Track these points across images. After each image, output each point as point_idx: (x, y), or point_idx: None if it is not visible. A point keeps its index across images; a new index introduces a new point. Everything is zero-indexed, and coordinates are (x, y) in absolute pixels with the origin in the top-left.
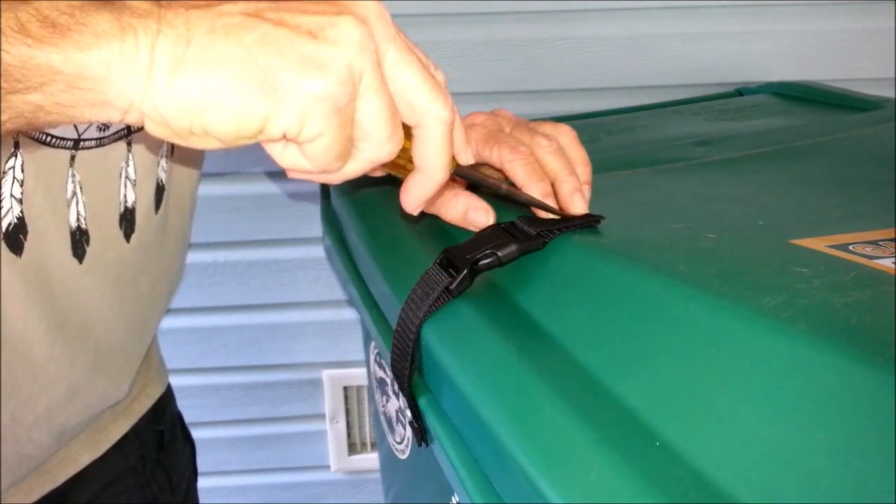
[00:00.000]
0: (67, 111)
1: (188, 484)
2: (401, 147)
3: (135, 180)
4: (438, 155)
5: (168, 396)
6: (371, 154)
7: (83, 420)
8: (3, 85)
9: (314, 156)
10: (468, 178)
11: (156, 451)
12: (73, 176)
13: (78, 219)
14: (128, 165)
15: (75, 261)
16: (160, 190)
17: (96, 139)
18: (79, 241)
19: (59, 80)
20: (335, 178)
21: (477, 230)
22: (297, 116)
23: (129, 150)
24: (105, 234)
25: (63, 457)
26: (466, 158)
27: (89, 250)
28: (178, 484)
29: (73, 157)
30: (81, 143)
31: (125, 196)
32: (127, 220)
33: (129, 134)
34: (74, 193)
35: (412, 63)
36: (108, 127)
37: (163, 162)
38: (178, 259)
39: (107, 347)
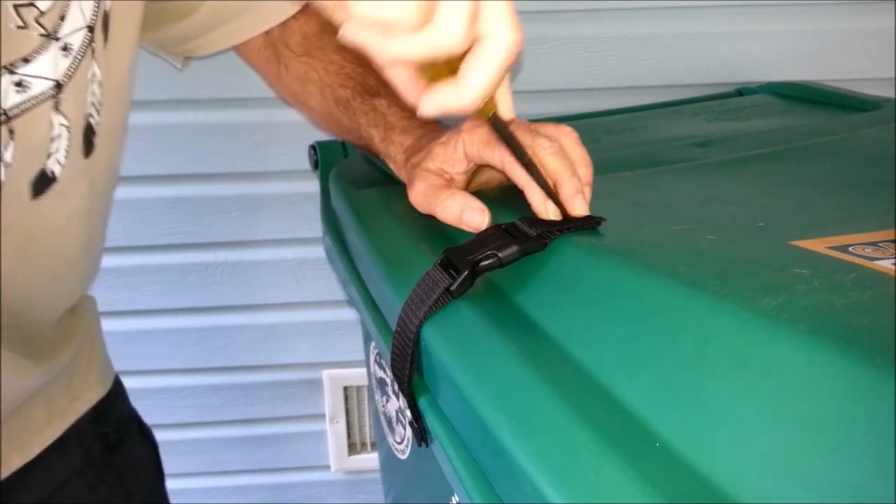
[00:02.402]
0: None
1: (151, 485)
2: (461, 48)
3: None
4: (486, 75)
5: (115, 397)
6: (438, 37)
7: None
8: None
9: None
10: (501, 133)
11: (102, 452)
12: None
13: None
14: None
15: None
16: None
17: None
18: None
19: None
20: (395, 52)
21: (472, 231)
22: None
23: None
24: None
25: None
26: (508, 112)
27: None
28: (135, 486)
29: None
30: None
31: None
32: None
33: (8, 120)
34: None
35: None
36: None
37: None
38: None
39: None
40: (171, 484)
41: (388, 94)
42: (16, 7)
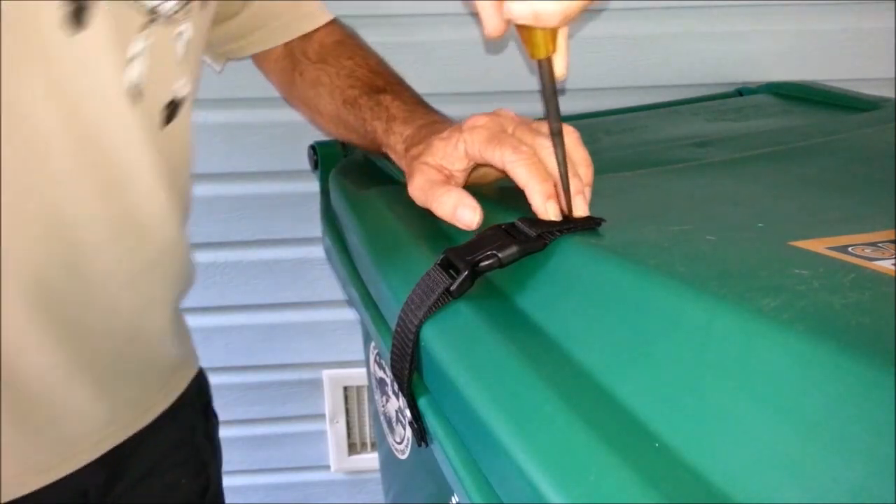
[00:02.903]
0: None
1: (219, 464)
2: None
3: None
4: None
5: (203, 376)
6: None
7: (162, 294)
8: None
9: None
10: (544, 84)
11: (203, 420)
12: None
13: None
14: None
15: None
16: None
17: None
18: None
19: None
20: None
21: (464, 227)
22: None
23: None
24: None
25: (118, 424)
26: (562, 67)
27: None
28: (219, 458)
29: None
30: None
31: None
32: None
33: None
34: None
35: None
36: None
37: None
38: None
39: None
40: None
41: (394, 91)
42: None
